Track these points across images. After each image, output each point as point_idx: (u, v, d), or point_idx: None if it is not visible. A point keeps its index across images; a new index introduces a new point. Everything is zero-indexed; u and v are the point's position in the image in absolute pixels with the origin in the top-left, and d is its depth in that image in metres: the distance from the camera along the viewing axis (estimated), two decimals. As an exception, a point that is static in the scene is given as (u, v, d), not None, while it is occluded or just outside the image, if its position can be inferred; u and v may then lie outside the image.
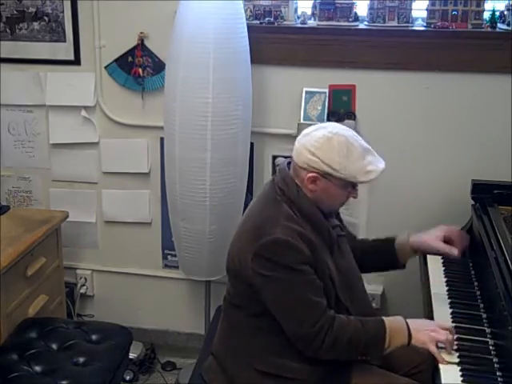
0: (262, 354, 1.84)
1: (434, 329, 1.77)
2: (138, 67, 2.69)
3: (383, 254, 2.07)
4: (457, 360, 1.73)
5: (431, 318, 1.95)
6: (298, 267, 1.74)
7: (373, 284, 2.70)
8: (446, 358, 1.72)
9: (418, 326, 1.79)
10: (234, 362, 1.89)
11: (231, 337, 1.93)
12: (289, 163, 1.88)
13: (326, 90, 2.58)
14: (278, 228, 1.75)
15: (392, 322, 1.79)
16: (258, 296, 1.79)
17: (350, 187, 1.82)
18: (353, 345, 1.75)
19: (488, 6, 2.48)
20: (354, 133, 1.83)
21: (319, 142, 1.77)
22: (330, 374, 1.82)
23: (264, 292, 1.77)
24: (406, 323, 1.78)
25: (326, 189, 1.80)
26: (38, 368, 2.11)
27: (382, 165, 1.81)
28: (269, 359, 1.83)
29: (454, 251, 2.04)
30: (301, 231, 1.77)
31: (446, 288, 2.11)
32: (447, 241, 2.08)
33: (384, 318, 1.80)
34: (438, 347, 1.74)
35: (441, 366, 1.71)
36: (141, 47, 2.67)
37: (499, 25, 2.47)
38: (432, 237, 2.07)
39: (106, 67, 2.74)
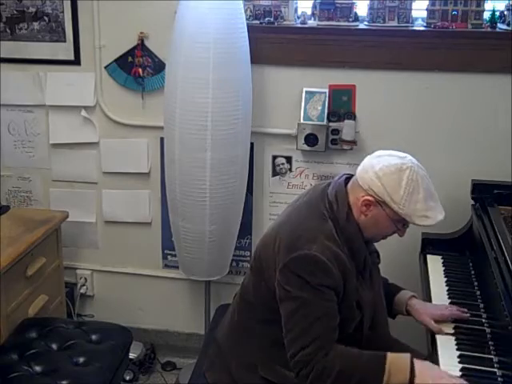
0: (269, 361, 1.82)
1: (441, 375, 1.64)
2: (138, 67, 2.69)
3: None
4: (457, 360, 1.73)
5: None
6: (323, 290, 1.68)
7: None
8: None
9: (426, 370, 1.65)
10: (239, 363, 1.88)
11: (241, 338, 1.90)
12: (347, 179, 1.82)
13: (326, 90, 2.58)
14: (315, 245, 1.69)
15: (395, 357, 1.68)
16: (275, 305, 1.74)
17: (400, 224, 1.77)
18: (344, 377, 1.66)
19: (488, 6, 2.48)
20: (427, 174, 1.77)
21: (390, 169, 1.72)
22: None
23: (282, 305, 1.73)
24: (411, 361, 1.66)
25: (376, 217, 1.75)
26: (38, 368, 2.11)
27: (441, 216, 1.75)
28: (275, 368, 1.81)
29: (442, 331, 1.87)
30: (338, 253, 1.71)
31: (446, 288, 2.11)
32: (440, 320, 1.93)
33: (389, 353, 1.68)
34: None
35: (441, 366, 1.71)
36: (141, 47, 2.67)
37: (499, 25, 2.47)
38: (427, 313, 1.91)
39: (105, 67, 2.74)
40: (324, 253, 1.68)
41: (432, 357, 1.78)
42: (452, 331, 1.85)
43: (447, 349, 1.78)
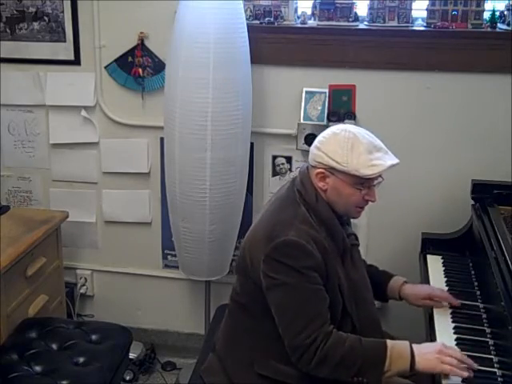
0: (263, 357, 1.82)
1: (439, 349, 1.68)
2: (138, 67, 2.69)
3: (375, 284, 1.99)
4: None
5: (431, 318, 1.95)
6: (308, 273, 1.70)
7: (373, 284, 2.70)
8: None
9: (423, 349, 1.69)
10: (234, 362, 1.89)
11: (234, 337, 1.92)
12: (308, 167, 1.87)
13: (326, 90, 2.58)
14: (292, 230, 1.72)
15: (395, 344, 1.70)
16: (265, 299, 1.76)
17: (360, 185, 1.77)
18: (346, 363, 1.67)
19: (488, 6, 2.48)
20: (368, 132, 1.80)
21: (325, 137, 1.80)
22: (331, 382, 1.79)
23: (270, 295, 1.75)
24: (411, 347, 1.69)
25: (335, 186, 1.78)
26: (38, 368, 2.11)
27: (391, 161, 1.76)
28: (270, 363, 1.81)
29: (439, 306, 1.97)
30: (315, 236, 1.74)
31: (446, 288, 2.11)
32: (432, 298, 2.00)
33: (388, 340, 1.71)
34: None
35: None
36: (141, 47, 2.67)
37: (499, 25, 2.47)
38: (418, 295, 1.98)
39: (105, 67, 2.74)
40: (301, 236, 1.71)
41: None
42: (452, 331, 1.85)
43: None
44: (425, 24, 2.51)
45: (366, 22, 2.54)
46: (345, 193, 1.78)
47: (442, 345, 1.71)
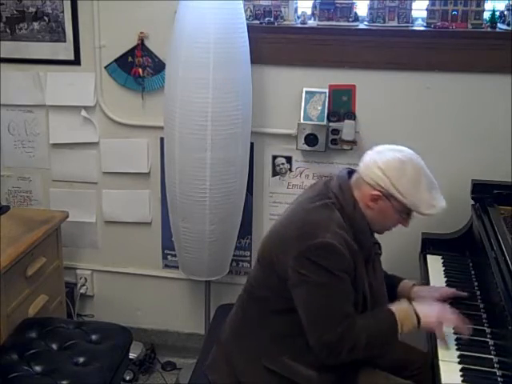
0: (273, 352, 1.84)
1: (439, 310, 1.81)
2: (138, 67, 2.69)
3: (386, 286, 2.02)
4: (457, 360, 1.73)
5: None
6: (340, 274, 1.74)
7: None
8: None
9: (425, 309, 1.80)
10: (242, 354, 1.89)
11: (245, 329, 1.92)
12: (349, 173, 1.89)
13: (326, 90, 2.58)
14: (328, 233, 1.74)
15: (399, 309, 1.80)
16: (289, 294, 1.78)
17: (406, 214, 1.83)
18: (371, 345, 1.76)
19: (488, 6, 2.48)
20: (426, 168, 1.85)
21: (393, 162, 1.79)
22: (338, 382, 1.81)
23: (297, 291, 1.76)
24: (413, 307, 1.80)
25: (383, 210, 1.81)
26: (38, 368, 2.11)
27: (444, 204, 1.83)
28: (280, 359, 1.83)
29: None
30: (348, 240, 1.77)
31: (446, 288, 2.11)
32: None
33: (392, 307, 1.80)
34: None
35: (441, 366, 1.71)
36: (141, 47, 2.66)
37: (499, 25, 2.47)
38: (428, 296, 2.01)
39: (105, 67, 2.74)
40: (337, 240, 1.74)
41: (432, 356, 1.78)
42: (452, 330, 1.85)
43: (447, 349, 1.78)
44: (425, 24, 2.51)
45: (366, 22, 2.54)
46: (389, 217, 1.84)
47: (441, 307, 1.83)
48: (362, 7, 2.58)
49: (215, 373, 1.95)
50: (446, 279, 2.17)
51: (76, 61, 2.75)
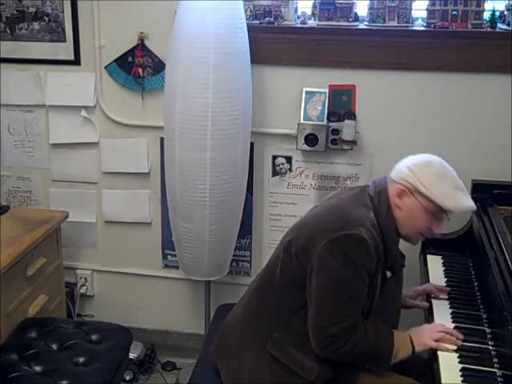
0: (280, 340, 1.85)
1: (429, 328, 1.85)
2: (138, 67, 2.69)
3: None
4: (457, 360, 1.73)
5: (431, 318, 1.96)
6: (363, 271, 1.75)
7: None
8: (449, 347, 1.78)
9: (419, 334, 1.83)
10: (249, 339, 1.91)
11: (254, 317, 1.93)
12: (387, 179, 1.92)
13: (326, 90, 2.58)
14: (363, 228, 1.77)
15: (398, 334, 1.82)
16: (306, 281, 1.80)
17: (434, 214, 1.83)
18: (367, 356, 1.80)
19: (488, 6, 2.48)
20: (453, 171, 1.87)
21: (420, 159, 1.87)
22: (337, 378, 1.82)
23: (317, 277, 1.77)
24: (409, 335, 1.83)
25: (410, 208, 1.83)
26: (38, 368, 2.11)
27: (473, 205, 1.85)
28: (285, 348, 1.84)
29: (425, 305, 2.07)
30: (377, 242, 1.79)
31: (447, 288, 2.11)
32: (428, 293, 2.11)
33: (394, 331, 1.83)
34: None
35: (441, 367, 1.71)
36: (141, 47, 2.66)
37: (499, 25, 2.47)
38: (416, 291, 2.12)
39: (106, 67, 2.74)
40: (370, 237, 1.76)
41: (432, 356, 1.78)
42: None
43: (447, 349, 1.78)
44: (425, 24, 2.51)
45: (366, 22, 2.54)
46: (417, 217, 1.84)
47: (431, 326, 1.87)
48: (362, 7, 2.58)
49: (220, 354, 1.98)
50: (446, 279, 2.17)
51: (76, 61, 2.75)
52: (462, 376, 1.66)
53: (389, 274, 1.90)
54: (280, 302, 1.87)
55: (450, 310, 1.98)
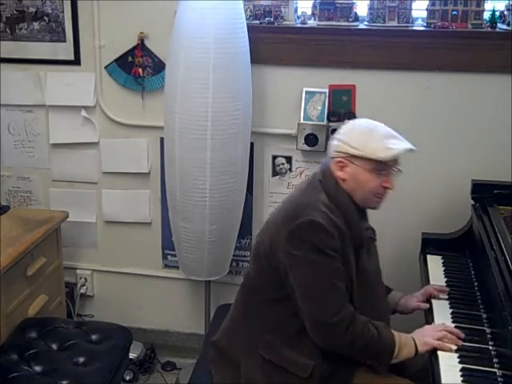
0: (271, 342, 1.85)
1: (432, 328, 1.85)
2: (138, 67, 2.69)
3: None
4: (457, 360, 1.73)
5: (431, 317, 1.96)
6: (330, 252, 1.76)
7: (373, 284, 2.70)
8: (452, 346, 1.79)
9: (421, 334, 1.84)
10: (240, 347, 1.90)
11: (242, 322, 1.94)
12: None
13: (326, 90, 2.58)
14: (315, 211, 1.78)
15: (400, 335, 1.83)
16: (284, 280, 1.80)
17: (378, 171, 1.83)
18: (368, 350, 1.79)
19: (488, 6, 2.48)
20: (386, 126, 1.89)
21: (344, 129, 1.90)
22: (333, 374, 1.82)
23: (293, 273, 1.78)
24: (412, 337, 1.83)
25: (354, 174, 1.84)
26: (38, 368, 2.11)
27: (406, 145, 1.84)
28: (277, 349, 1.84)
29: (425, 306, 2.05)
30: (335, 221, 1.79)
31: (447, 288, 2.11)
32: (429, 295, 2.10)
33: (393, 331, 1.83)
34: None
35: (441, 367, 1.71)
36: (141, 47, 2.67)
37: (499, 25, 2.47)
38: (417, 295, 2.10)
39: (106, 67, 2.74)
40: (324, 218, 1.77)
41: (432, 356, 1.78)
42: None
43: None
44: (425, 24, 2.51)
45: (366, 22, 2.54)
46: (363, 180, 1.84)
47: (432, 326, 1.87)
48: (362, 7, 2.58)
49: (217, 367, 1.97)
50: (446, 279, 2.17)
51: (76, 61, 2.75)
52: (462, 376, 1.66)
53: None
54: (264, 306, 1.87)
55: (450, 310, 1.98)
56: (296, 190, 1.97)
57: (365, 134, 1.84)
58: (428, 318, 1.98)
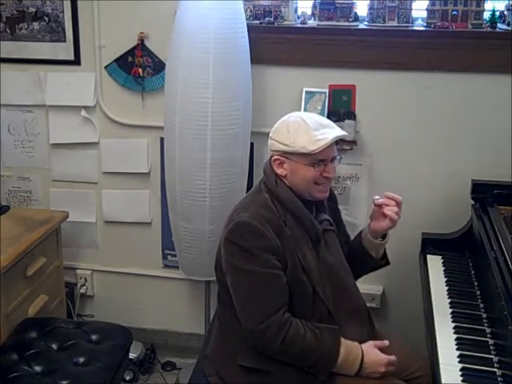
0: (245, 349, 1.84)
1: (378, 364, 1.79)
2: (138, 67, 2.69)
3: (361, 251, 2.01)
4: (457, 360, 1.73)
5: (431, 317, 1.95)
6: (260, 254, 1.75)
7: (373, 284, 2.70)
8: None
9: (371, 361, 1.78)
10: (220, 360, 1.91)
11: (221, 334, 1.95)
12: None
13: (326, 90, 2.58)
14: (246, 213, 1.79)
15: (349, 347, 1.78)
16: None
17: (314, 164, 1.81)
18: (303, 357, 1.76)
19: (488, 6, 2.48)
20: (317, 115, 1.89)
21: (276, 126, 1.90)
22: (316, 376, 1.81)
23: (228, 279, 1.80)
24: (362, 355, 1.78)
25: (292, 170, 1.84)
26: (38, 368, 2.11)
27: (336, 133, 1.80)
28: (252, 354, 1.83)
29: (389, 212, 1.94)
30: (272, 218, 1.79)
31: (446, 288, 2.11)
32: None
33: (344, 341, 1.78)
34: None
35: (441, 367, 1.71)
36: (141, 47, 2.67)
37: (499, 25, 2.47)
38: (375, 212, 1.98)
39: (106, 67, 2.74)
40: (254, 218, 1.77)
41: (432, 357, 1.78)
42: (452, 330, 1.86)
43: (447, 349, 1.78)
44: (425, 24, 2.51)
45: (365, 22, 2.54)
46: (302, 174, 1.83)
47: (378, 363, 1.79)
48: (361, 7, 2.58)
49: (208, 377, 1.97)
50: (446, 279, 2.17)
51: (76, 61, 2.75)
52: (461, 376, 1.66)
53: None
54: (231, 317, 1.86)
55: (450, 310, 1.98)
56: (244, 197, 1.98)
57: (292, 129, 1.82)
58: (428, 317, 1.98)
